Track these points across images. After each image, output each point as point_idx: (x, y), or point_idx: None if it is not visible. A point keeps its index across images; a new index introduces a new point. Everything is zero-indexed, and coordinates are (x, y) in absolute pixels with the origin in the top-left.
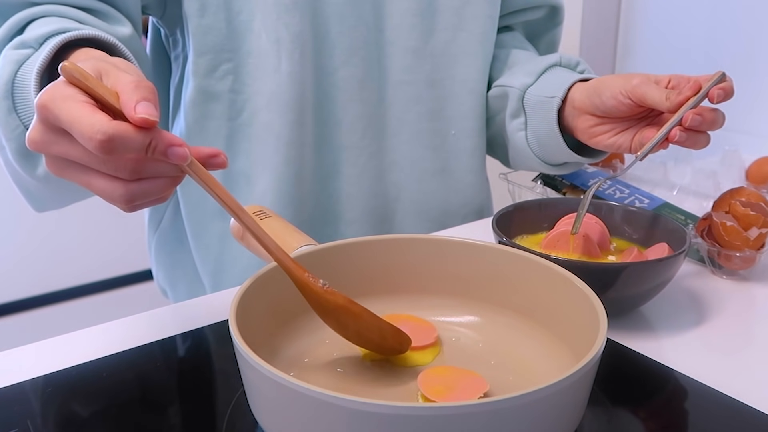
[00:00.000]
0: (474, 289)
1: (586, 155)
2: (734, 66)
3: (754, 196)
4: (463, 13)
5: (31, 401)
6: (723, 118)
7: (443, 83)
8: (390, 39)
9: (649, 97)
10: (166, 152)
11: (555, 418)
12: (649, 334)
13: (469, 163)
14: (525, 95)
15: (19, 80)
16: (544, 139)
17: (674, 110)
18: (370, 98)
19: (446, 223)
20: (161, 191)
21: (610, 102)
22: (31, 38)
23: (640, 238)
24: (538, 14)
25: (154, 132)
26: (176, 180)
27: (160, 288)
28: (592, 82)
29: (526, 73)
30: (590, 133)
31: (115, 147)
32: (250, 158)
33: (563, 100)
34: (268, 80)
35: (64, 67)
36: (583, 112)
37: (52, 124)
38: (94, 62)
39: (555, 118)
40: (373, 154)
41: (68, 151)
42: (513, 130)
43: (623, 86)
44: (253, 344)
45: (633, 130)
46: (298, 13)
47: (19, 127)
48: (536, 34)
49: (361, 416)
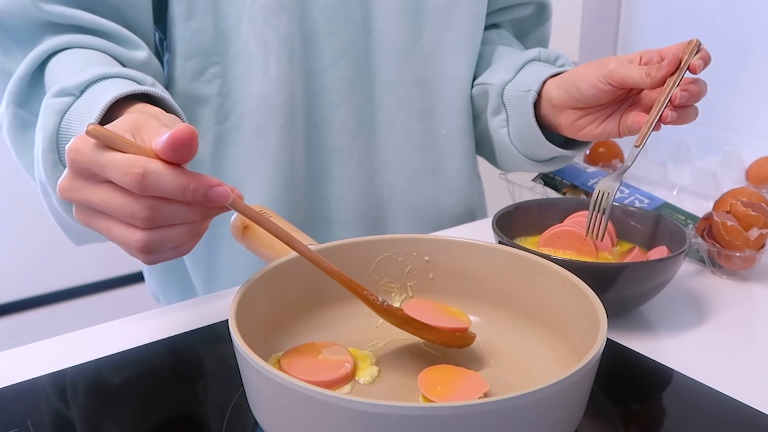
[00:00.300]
0: (474, 289)
1: (573, 148)
2: (734, 66)
3: (755, 197)
4: (452, 12)
5: (31, 401)
6: (706, 86)
7: (433, 83)
8: (378, 40)
9: (629, 78)
10: (207, 194)
11: (555, 418)
12: (649, 334)
13: (461, 163)
14: (504, 91)
15: (63, 131)
16: (524, 134)
17: (656, 86)
18: (359, 99)
19: (439, 223)
20: (180, 240)
21: (590, 92)
22: (72, 86)
23: (639, 239)
24: (525, 11)
25: (192, 175)
26: (197, 229)
27: (153, 294)
28: (565, 76)
29: (505, 69)
30: (575, 127)
31: (150, 183)
32: (237, 162)
33: (539, 93)
34: (256, 83)
35: (89, 131)
36: (564, 107)
37: (80, 169)
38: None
39: (531, 112)
40: (364, 155)
41: (90, 197)
42: (495, 127)
43: (600, 73)
44: (253, 344)
45: (617, 114)
46: (285, 15)
47: None
48: (525, 32)
49: (361, 416)
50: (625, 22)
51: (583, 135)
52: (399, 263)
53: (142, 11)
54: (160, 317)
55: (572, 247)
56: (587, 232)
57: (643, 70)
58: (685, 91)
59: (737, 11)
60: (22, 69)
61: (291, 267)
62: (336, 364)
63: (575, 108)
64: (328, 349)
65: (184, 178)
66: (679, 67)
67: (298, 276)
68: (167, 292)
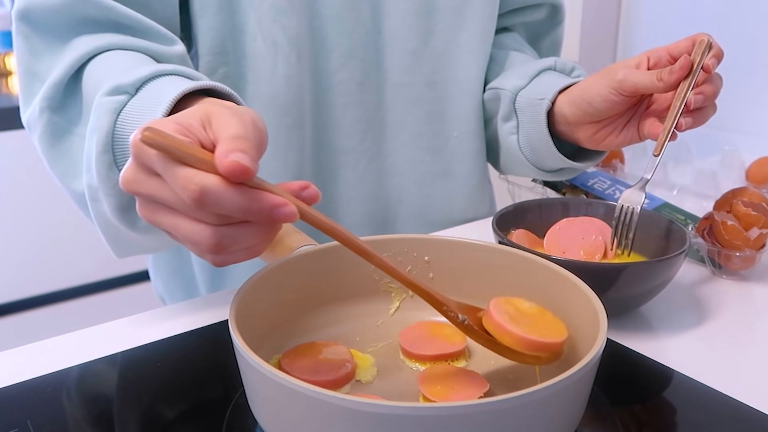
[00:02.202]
0: (474, 289)
1: (582, 160)
2: (735, 66)
3: (756, 197)
4: (463, 13)
5: (31, 401)
6: (721, 81)
7: (444, 84)
8: (388, 40)
9: (641, 85)
10: (271, 215)
11: (555, 418)
12: (649, 335)
13: (472, 166)
14: (517, 98)
15: (119, 131)
16: (535, 143)
17: (669, 90)
18: (369, 101)
19: (449, 227)
20: (253, 239)
21: (603, 105)
22: (127, 83)
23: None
24: (538, 14)
25: (253, 195)
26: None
27: (159, 295)
28: (575, 91)
29: (519, 76)
30: (596, 140)
31: (208, 202)
32: None
33: (553, 102)
34: (265, 83)
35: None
36: (581, 123)
37: (145, 164)
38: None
39: (544, 121)
40: (373, 157)
41: (157, 191)
42: (505, 133)
43: (610, 84)
44: (253, 344)
45: (635, 120)
46: (294, 15)
47: None
48: (539, 35)
49: (361, 416)
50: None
51: (605, 146)
52: (399, 263)
53: (170, 4)
54: (160, 317)
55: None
56: (611, 247)
57: (654, 74)
58: (700, 93)
59: (737, 11)
60: (58, 73)
61: (291, 267)
62: (336, 364)
63: (591, 123)
64: (328, 348)
65: (245, 199)
66: (692, 71)
67: (298, 276)
68: (173, 294)
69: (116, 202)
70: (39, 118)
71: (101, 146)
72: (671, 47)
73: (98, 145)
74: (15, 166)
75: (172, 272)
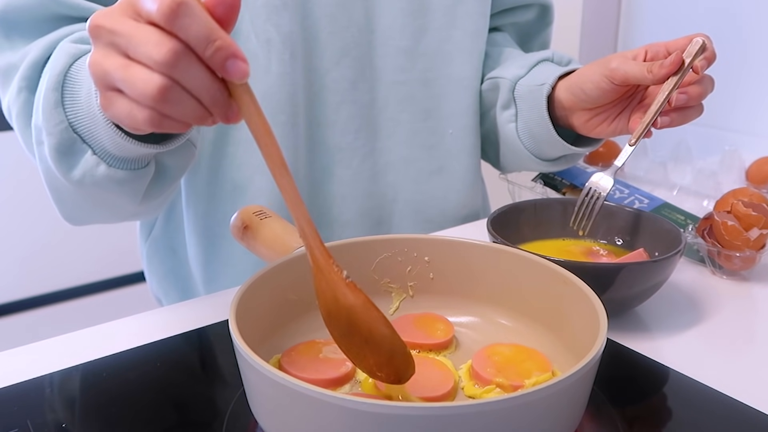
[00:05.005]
0: (474, 289)
1: (581, 145)
2: (734, 66)
3: (756, 197)
4: (456, 12)
5: (31, 401)
6: (712, 84)
7: (437, 82)
8: (382, 39)
9: (631, 75)
10: (226, 61)
11: (555, 418)
12: (649, 335)
13: (468, 162)
14: (516, 86)
15: (72, 74)
16: (534, 130)
17: (659, 83)
18: (362, 99)
19: (444, 224)
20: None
21: (594, 92)
22: None
23: (634, 239)
24: (528, 15)
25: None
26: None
27: (155, 296)
28: (572, 78)
29: (518, 66)
30: (588, 127)
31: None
32: (238, 162)
33: (553, 88)
34: (258, 82)
35: None
36: (575, 109)
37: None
38: None
39: (544, 105)
40: (367, 155)
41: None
42: (503, 122)
43: (603, 72)
44: (253, 344)
45: (627, 112)
46: (287, 14)
47: (63, 123)
48: (529, 36)
49: (361, 416)
50: (625, 22)
51: (597, 133)
52: (399, 263)
53: None
54: (160, 317)
55: None
56: (572, 223)
57: (645, 66)
58: (684, 93)
59: (737, 11)
60: (35, 54)
61: (291, 267)
62: (336, 363)
63: (585, 109)
64: (328, 347)
65: (217, 30)
66: (682, 68)
67: (298, 276)
68: (169, 294)
69: (56, 143)
70: (17, 97)
71: (52, 84)
72: (670, 44)
73: (49, 82)
74: (15, 166)
75: (166, 272)
